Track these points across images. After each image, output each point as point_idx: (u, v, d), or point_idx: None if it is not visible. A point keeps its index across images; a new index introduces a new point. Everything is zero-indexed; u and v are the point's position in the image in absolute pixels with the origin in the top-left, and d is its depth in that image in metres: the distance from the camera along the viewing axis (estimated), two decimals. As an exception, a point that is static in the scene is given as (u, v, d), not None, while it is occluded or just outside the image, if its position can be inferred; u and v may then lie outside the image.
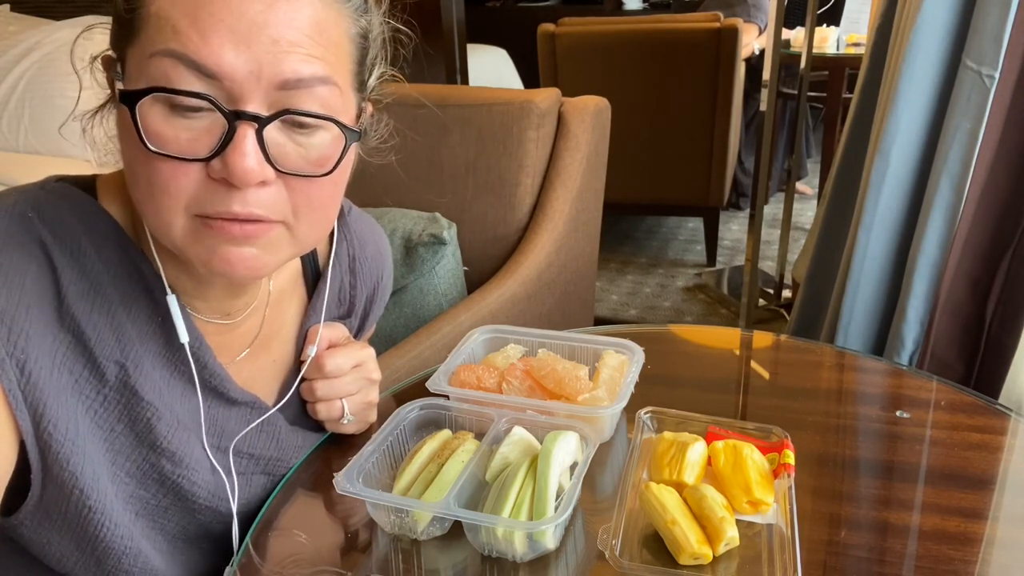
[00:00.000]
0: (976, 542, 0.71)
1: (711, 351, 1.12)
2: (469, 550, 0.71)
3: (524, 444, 0.78)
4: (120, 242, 0.67)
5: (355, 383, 0.84)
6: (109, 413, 0.66)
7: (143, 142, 0.56)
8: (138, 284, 0.68)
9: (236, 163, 0.56)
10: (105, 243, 0.66)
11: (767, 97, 2.38)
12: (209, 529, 0.76)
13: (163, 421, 0.69)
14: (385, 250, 0.95)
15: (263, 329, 0.80)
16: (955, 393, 0.95)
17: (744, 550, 0.70)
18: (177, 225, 0.60)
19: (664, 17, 3.26)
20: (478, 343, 0.98)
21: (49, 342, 0.62)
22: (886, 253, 1.54)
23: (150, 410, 0.68)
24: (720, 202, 3.20)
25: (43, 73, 2.30)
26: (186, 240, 0.61)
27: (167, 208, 0.59)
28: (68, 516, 0.65)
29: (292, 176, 0.60)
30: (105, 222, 0.67)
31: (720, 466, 0.76)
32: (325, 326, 0.83)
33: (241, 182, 0.57)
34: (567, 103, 1.59)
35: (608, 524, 0.70)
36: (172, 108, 0.57)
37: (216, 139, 0.57)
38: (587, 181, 1.60)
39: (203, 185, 0.58)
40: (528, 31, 3.25)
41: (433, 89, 1.63)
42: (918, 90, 1.43)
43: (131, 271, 0.67)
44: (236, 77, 0.56)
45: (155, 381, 0.69)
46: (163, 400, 0.69)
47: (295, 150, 0.60)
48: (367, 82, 0.69)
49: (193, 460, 0.71)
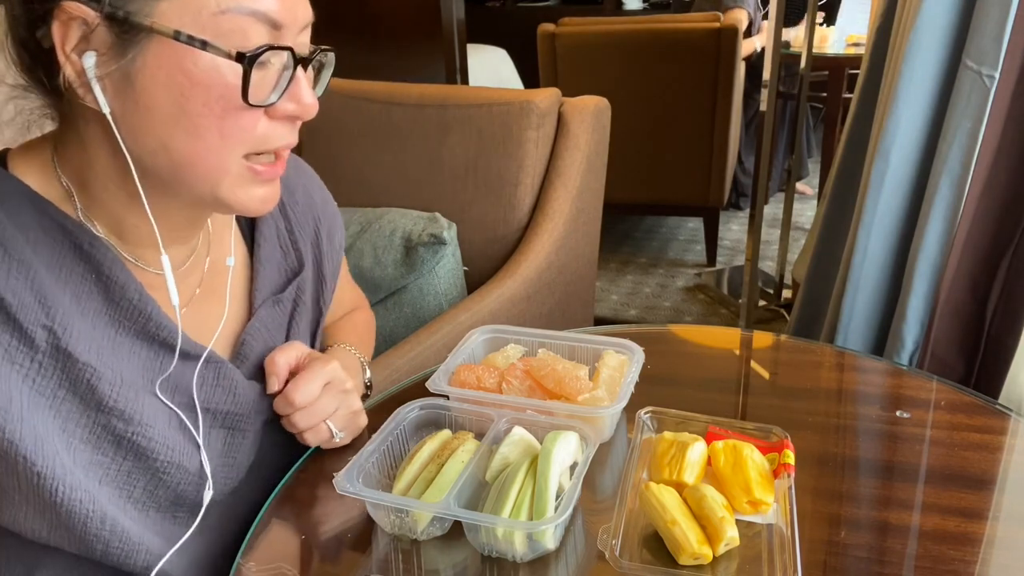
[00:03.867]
0: (976, 542, 0.71)
1: (711, 351, 1.12)
2: (469, 550, 0.71)
3: (524, 444, 0.78)
4: (37, 205, 0.66)
5: (332, 402, 0.83)
6: (48, 380, 0.65)
7: (243, 96, 0.61)
8: (63, 243, 0.67)
9: (307, 98, 0.66)
10: (20, 208, 0.65)
11: (767, 97, 2.38)
12: (180, 494, 0.74)
13: (104, 380, 0.67)
14: (317, 193, 0.94)
15: (206, 276, 0.79)
16: (955, 393, 0.95)
17: (744, 550, 0.70)
18: (232, 170, 0.65)
19: (664, 17, 3.26)
20: (478, 343, 0.98)
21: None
22: (886, 253, 1.54)
23: (88, 371, 0.66)
24: (720, 202, 3.20)
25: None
26: (233, 185, 0.66)
27: (229, 153, 0.64)
28: (21, 486, 0.64)
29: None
30: (16, 187, 0.66)
31: (720, 466, 0.76)
32: (278, 351, 0.82)
33: (309, 114, 0.66)
34: (567, 103, 1.59)
35: (608, 524, 0.70)
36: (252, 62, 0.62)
37: (281, 83, 0.64)
38: (587, 181, 1.60)
39: (265, 126, 0.65)
40: (528, 31, 3.24)
41: (433, 89, 1.63)
42: (918, 90, 1.42)
43: (53, 232, 0.66)
44: (296, 26, 0.64)
45: (93, 340, 0.67)
46: (102, 359, 0.67)
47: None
48: None
49: (146, 416, 0.70)
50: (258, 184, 0.67)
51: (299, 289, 0.87)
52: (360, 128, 1.64)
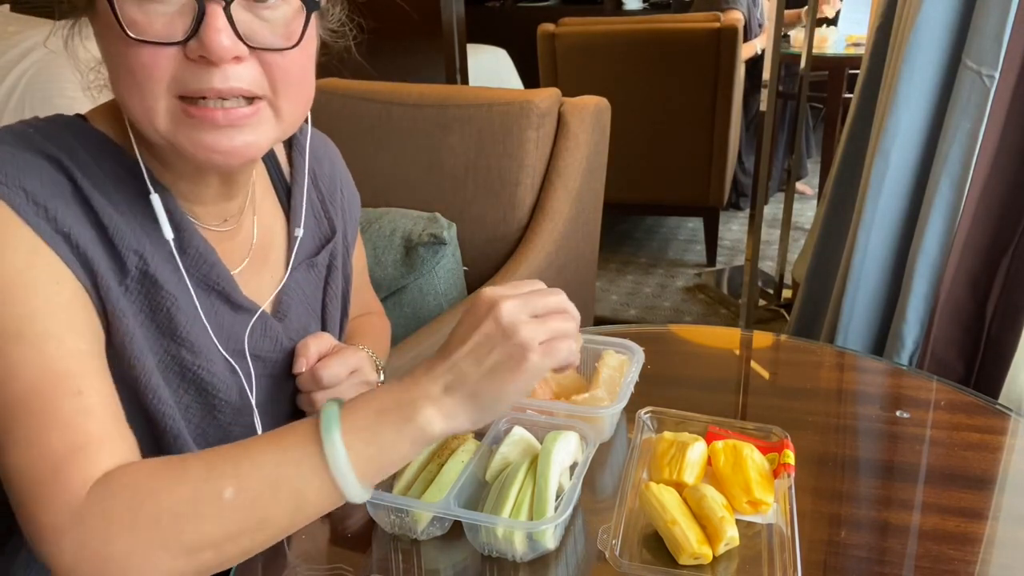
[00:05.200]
0: (976, 542, 0.71)
1: (711, 351, 1.12)
2: (469, 550, 0.71)
3: (524, 444, 0.78)
4: (113, 154, 0.70)
5: (353, 389, 0.84)
6: (131, 302, 0.68)
7: (123, 29, 0.59)
8: (135, 190, 0.70)
9: (212, 39, 0.60)
10: (100, 153, 0.69)
11: (767, 97, 2.38)
12: (229, 433, 0.77)
13: (182, 311, 0.71)
14: (340, 166, 0.97)
15: (257, 238, 0.82)
16: (955, 393, 0.95)
17: (744, 550, 0.70)
18: (160, 110, 0.62)
19: (664, 17, 3.26)
20: (478, 343, 0.98)
21: (78, 227, 0.64)
22: (886, 253, 1.54)
23: (169, 299, 0.70)
24: (720, 202, 3.20)
25: (43, 73, 2.30)
26: (170, 127, 0.63)
27: (149, 93, 0.62)
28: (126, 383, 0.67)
29: (264, 52, 0.64)
30: (96, 136, 0.70)
31: (720, 466, 0.76)
32: (311, 338, 0.84)
33: (218, 57, 0.60)
34: (567, 103, 1.59)
35: (608, 524, 0.70)
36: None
37: (188, 21, 0.60)
38: (587, 181, 1.60)
39: (182, 66, 0.61)
40: (528, 31, 3.24)
41: (433, 89, 1.63)
42: (918, 90, 1.43)
43: (127, 179, 0.70)
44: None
45: (168, 275, 0.71)
46: (182, 291, 0.71)
47: (262, 26, 0.63)
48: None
49: (210, 352, 0.73)
50: (200, 129, 0.63)
51: (332, 254, 0.90)
52: (360, 128, 1.64)
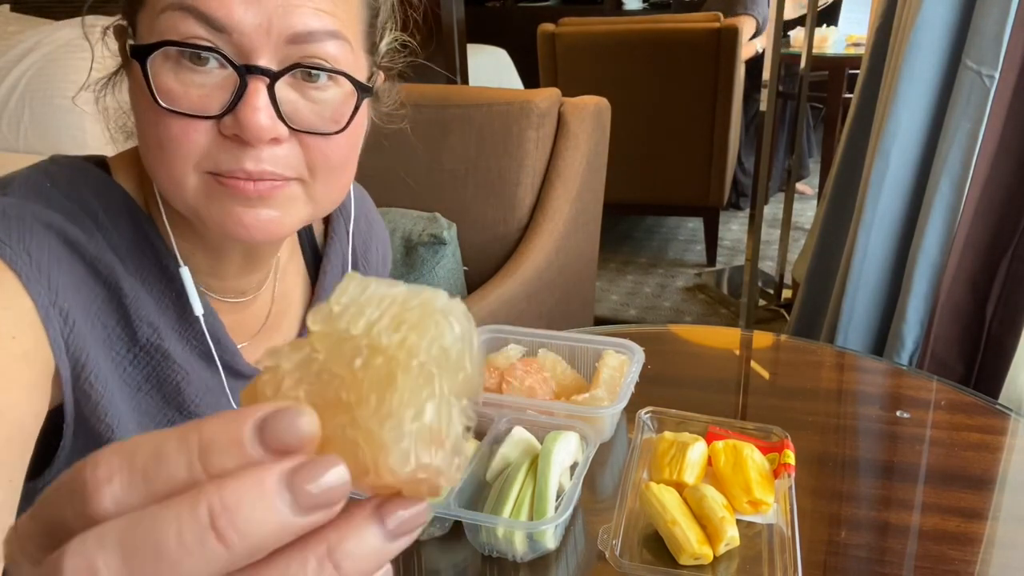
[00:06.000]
0: (976, 542, 0.71)
1: (711, 351, 1.12)
2: (469, 550, 0.71)
3: (524, 444, 0.78)
4: (133, 216, 0.66)
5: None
6: (138, 372, 0.66)
7: (154, 98, 0.56)
8: (151, 258, 0.67)
9: (249, 119, 0.56)
10: (119, 216, 0.66)
11: (767, 97, 2.38)
12: None
13: (192, 385, 0.69)
14: (376, 220, 0.94)
15: (273, 307, 0.80)
16: (955, 393, 0.95)
17: (744, 550, 0.70)
18: (189, 184, 0.59)
19: (664, 17, 3.26)
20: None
21: (84, 293, 0.62)
22: (886, 253, 1.54)
23: (180, 373, 0.68)
24: (720, 202, 3.20)
25: (43, 73, 2.30)
26: (199, 199, 0.60)
27: (178, 165, 0.58)
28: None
29: (306, 134, 0.60)
30: (119, 195, 0.66)
31: (720, 466, 0.76)
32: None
33: (254, 138, 0.56)
34: (567, 103, 1.59)
35: (608, 524, 0.70)
36: (182, 64, 0.56)
37: (228, 95, 0.56)
38: (587, 181, 1.60)
39: (215, 143, 0.58)
40: (528, 31, 3.24)
41: (433, 89, 1.63)
42: (918, 90, 1.43)
43: (144, 245, 0.67)
44: (245, 30, 0.56)
45: (180, 349, 0.69)
46: (191, 366, 0.70)
47: (307, 107, 0.60)
48: (378, 45, 0.69)
49: None
50: (235, 201, 0.59)
51: None
52: (360, 128, 1.64)
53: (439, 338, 0.27)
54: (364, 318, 0.27)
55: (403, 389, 0.25)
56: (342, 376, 0.26)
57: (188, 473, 0.24)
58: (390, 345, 0.26)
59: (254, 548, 0.23)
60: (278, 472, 0.23)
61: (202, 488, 0.23)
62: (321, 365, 0.26)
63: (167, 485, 0.24)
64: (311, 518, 0.24)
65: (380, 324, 0.27)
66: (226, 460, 0.24)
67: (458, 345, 0.27)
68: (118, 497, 0.24)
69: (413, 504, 0.27)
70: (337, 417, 0.26)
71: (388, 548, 0.27)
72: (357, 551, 0.25)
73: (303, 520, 0.23)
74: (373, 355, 0.26)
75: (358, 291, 0.28)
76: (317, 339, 0.27)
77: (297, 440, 0.24)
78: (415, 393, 0.26)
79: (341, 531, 0.25)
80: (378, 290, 0.28)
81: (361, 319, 0.27)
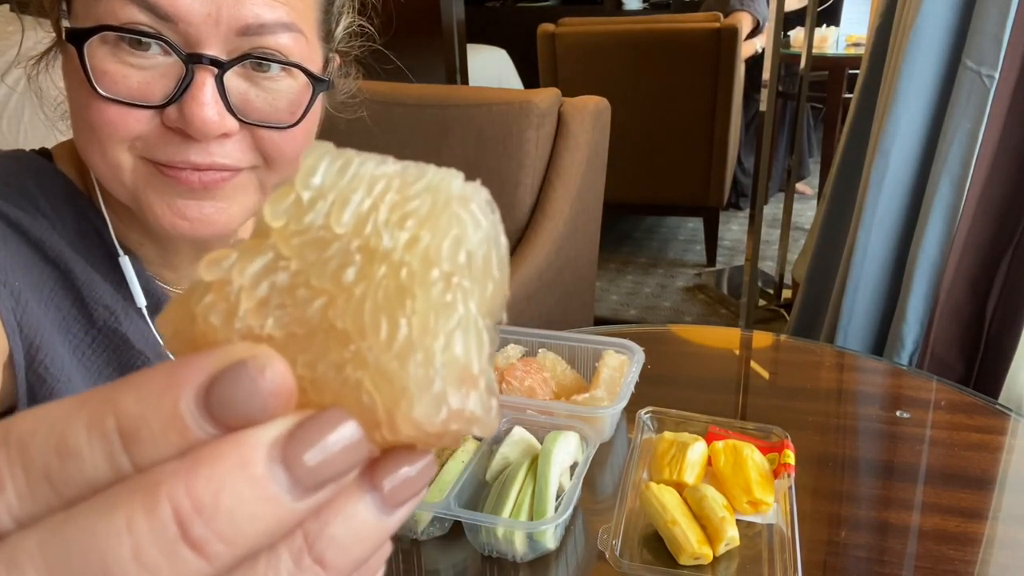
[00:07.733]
0: (976, 542, 0.71)
1: (711, 351, 1.12)
2: (469, 550, 0.71)
3: (524, 444, 0.78)
4: (76, 203, 0.63)
5: None
6: (98, 356, 0.62)
7: (91, 84, 0.52)
8: (98, 245, 0.63)
9: (195, 113, 0.52)
10: (62, 203, 0.62)
11: (767, 97, 2.37)
12: None
13: None
14: None
15: None
16: (955, 393, 0.95)
17: (744, 550, 0.70)
18: (125, 166, 0.55)
19: (664, 17, 3.26)
20: (478, 343, 0.98)
21: (35, 275, 0.58)
22: (886, 253, 1.54)
23: (142, 359, 0.63)
24: (720, 202, 3.20)
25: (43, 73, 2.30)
26: (138, 183, 0.56)
27: (112, 147, 0.54)
28: None
29: (258, 127, 0.57)
30: (60, 182, 0.63)
31: (720, 466, 0.76)
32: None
33: (200, 134, 0.53)
34: (567, 103, 1.59)
35: (608, 524, 0.70)
36: (121, 47, 0.53)
37: (172, 84, 0.53)
38: (587, 181, 1.60)
39: (156, 132, 0.54)
40: (528, 31, 3.24)
41: (433, 89, 1.63)
42: (918, 90, 1.43)
43: (89, 232, 0.63)
44: (192, 20, 0.52)
45: (139, 335, 0.64)
46: (153, 352, 0.65)
47: (260, 96, 0.56)
48: (334, 32, 0.66)
49: None
50: (176, 193, 0.55)
51: None
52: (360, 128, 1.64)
53: (463, 238, 0.20)
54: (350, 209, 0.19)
55: (425, 311, 0.18)
56: (329, 293, 0.19)
57: (111, 470, 0.17)
58: (395, 248, 0.19)
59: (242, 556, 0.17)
60: (265, 443, 0.17)
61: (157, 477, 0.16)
62: (293, 277, 0.19)
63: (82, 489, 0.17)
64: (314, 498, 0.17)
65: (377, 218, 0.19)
66: (163, 449, 0.17)
67: (483, 247, 0.20)
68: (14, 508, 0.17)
69: (417, 457, 0.20)
70: (330, 353, 0.18)
71: (385, 524, 0.19)
72: (345, 534, 0.18)
73: (304, 505, 0.17)
74: (370, 262, 0.19)
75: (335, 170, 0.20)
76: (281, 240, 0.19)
77: (261, 408, 0.17)
78: (442, 316, 0.19)
79: (321, 511, 0.18)
80: (364, 168, 0.20)
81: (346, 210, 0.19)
